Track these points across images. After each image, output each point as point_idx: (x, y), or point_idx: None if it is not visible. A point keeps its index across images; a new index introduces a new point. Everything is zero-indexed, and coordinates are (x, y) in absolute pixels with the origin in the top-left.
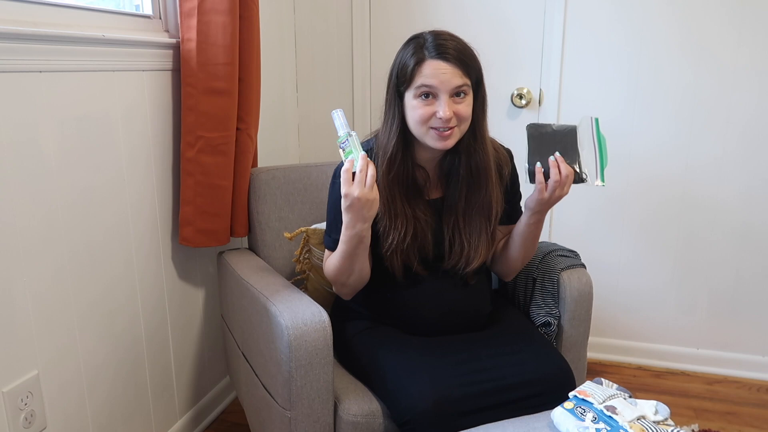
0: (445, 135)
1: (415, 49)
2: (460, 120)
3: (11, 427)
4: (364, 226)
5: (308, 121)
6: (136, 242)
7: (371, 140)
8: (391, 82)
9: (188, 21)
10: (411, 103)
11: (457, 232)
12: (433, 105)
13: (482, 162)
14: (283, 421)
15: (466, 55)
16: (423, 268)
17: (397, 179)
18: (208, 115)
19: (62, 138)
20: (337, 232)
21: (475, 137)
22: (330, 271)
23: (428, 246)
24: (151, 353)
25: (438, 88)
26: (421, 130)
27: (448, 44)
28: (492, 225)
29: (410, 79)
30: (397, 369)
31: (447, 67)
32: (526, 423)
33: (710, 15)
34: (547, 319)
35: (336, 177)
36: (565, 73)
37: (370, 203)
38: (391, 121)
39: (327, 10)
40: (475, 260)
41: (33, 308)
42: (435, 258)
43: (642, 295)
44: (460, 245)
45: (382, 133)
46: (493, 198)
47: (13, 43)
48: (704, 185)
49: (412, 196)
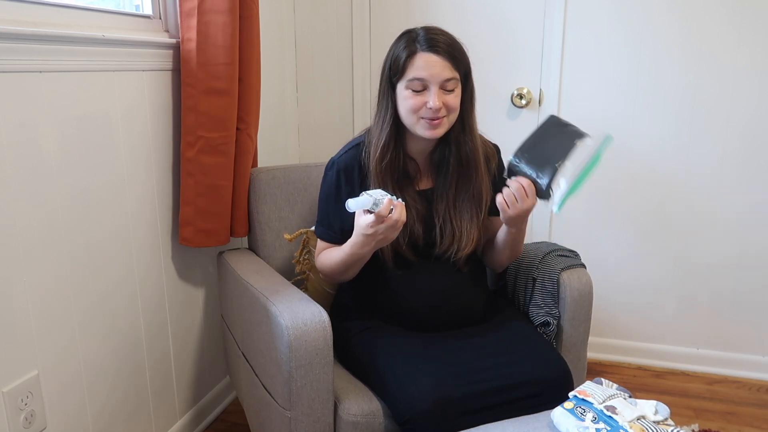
0: (435, 124)
1: (408, 42)
2: (448, 110)
3: (11, 427)
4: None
5: (308, 121)
6: (136, 242)
7: (363, 135)
8: (384, 73)
9: (188, 21)
10: (403, 93)
11: (448, 219)
12: (423, 95)
13: (472, 152)
14: (283, 421)
15: (455, 49)
16: (413, 254)
17: (389, 167)
18: (208, 115)
19: (62, 138)
20: (329, 225)
21: (464, 129)
22: (324, 267)
23: (418, 233)
24: (151, 353)
25: (429, 80)
26: (412, 119)
27: (438, 38)
28: (482, 213)
29: (402, 71)
30: (397, 369)
31: (437, 60)
32: (526, 423)
33: (710, 15)
34: (546, 318)
35: (328, 170)
36: (565, 73)
37: (391, 240)
38: (384, 112)
39: (327, 10)
40: (466, 246)
41: (33, 308)
42: (426, 245)
43: (642, 295)
44: (451, 232)
45: (375, 124)
46: (483, 187)
47: (13, 43)
48: (704, 185)
49: (403, 185)
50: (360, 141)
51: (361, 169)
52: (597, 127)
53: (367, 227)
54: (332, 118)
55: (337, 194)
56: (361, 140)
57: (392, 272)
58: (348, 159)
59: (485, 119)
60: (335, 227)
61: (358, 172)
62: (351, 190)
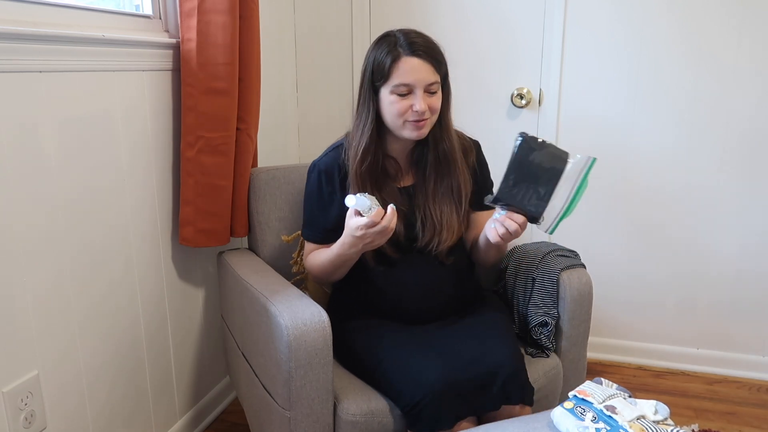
0: (420, 125)
1: (390, 47)
2: (432, 112)
3: (11, 427)
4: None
5: (308, 121)
6: (136, 242)
7: (343, 139)
8: (365, 78)
9: (188, 21)
10: (388, 98)
11: (429, 213)
12: (409, 99)
13: (449, 148)
14: (283, 421)
15: (436, 51)
16: (395, 251)
17: (369, 169)
18: (208, 115)
19: (62, 138)
20: (315, 225)
21: (441, 127)
22: (313, 268)
23: (399, 230)
24: (151, 353)
25: (414, 85)
26: (398, 123)
27: (419, 42)
28: (463, 205)
29: (387, 75)
30: (401, 358)
31: (421, 65)
32: (526, 423)
33: (710, 15)
34: (544, 319)
35: (310, 172)
36: (565, 73)
37: (378, 245)
38: (366, 116)
39: (327, 10)
40: (447, 238)
41: (33, 307)
42: (407, 239)
43: (642, 295)
44: (432, 225)
45: (355, 127)
46: (461, 181)
47: (13, 43)
48: (705, 185)
49: (382, 184)
50: (339, 144)
51: (341, 170)
52: (597, 126)
53: (356, 229)
54: (332, 118)
55: (320, 195)
56: (340, 143)
57: (374, 269)
58: (329, 161)
59: (485, 119)
60: (319, 227)
61: (338, 173)
62: (332, 191)
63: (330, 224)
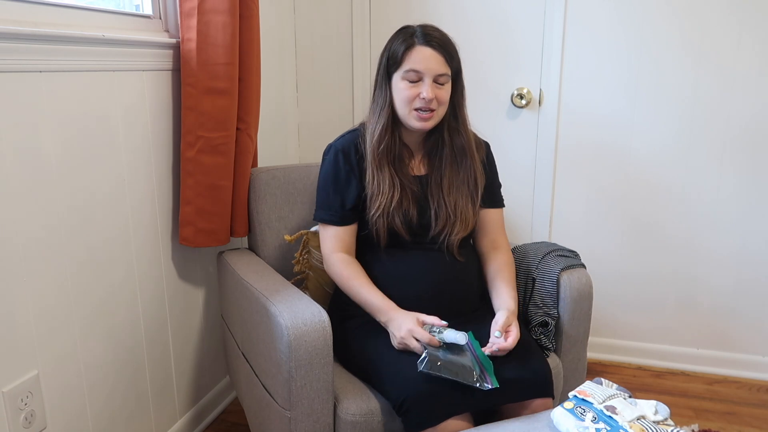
0: (425, 117)
1: (406, 36)
2: (439, 103)
3: (11, 427)
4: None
5: (308, 121)
6: (136, 242)
7: (358, 127)
8: (381, 65)
9: (188, 21)
10: (399, 84)
11: (443, 203)
12: (418, 87)
13: (465, 141)
14: (283, 421)
15: (449, 45)
16: (408, 233)
17: (386, 150)
18: (208, 115)
19: (62, 137)
20: (330, 206)
21: (457, 119)
22: (335, 274)
23: (413, 213)
24: (151, 353)
25: (424, 72)
26: (405, 110)
27: (434, 35)
28: (477, 197)
29: (400, 62)
30: (390, 357)
31: (433, 54)
32: (526, 423)
33: (710, 15)
34: (544, 319)
35: (326, 154)
36: (565, 73)
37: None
38: (382, 101)
39: (327, 10)
40: (460, 231)
41: (33, 307)
42: (420, 227)
43: (642, 295)
44: (445, 214)
45: (372, 112)
46: (477, 172)
47: (13, 43)
48: (705, 185)
49: (398, 168)
50: (355, 129)
51: (358, 151)
52: (597, 126)
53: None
54: (332, 118)
55: (337, 174)
56: (356, 129)
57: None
58: (345, 142)
59: (485, 119)
60: (336, 206)
61: (355, 154)
62: (350, 169)
63: (349, 203)
